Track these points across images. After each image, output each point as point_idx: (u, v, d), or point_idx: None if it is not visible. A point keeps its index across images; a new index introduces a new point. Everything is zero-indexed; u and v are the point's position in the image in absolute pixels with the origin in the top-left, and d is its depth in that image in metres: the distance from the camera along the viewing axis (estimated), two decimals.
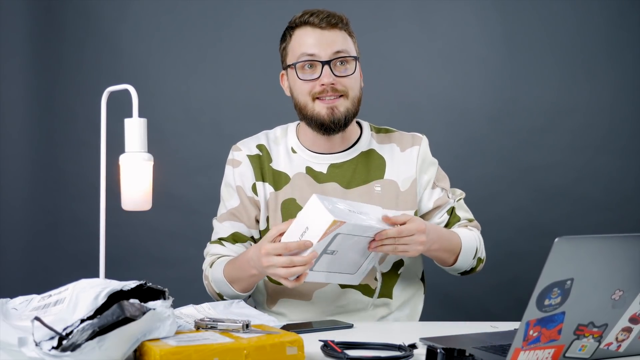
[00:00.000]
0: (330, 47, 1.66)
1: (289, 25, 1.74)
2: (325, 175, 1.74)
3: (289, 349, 1.17)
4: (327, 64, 1.65)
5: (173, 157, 2.77)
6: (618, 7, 2.77)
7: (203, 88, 2.82)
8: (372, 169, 1.75)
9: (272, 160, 1.77)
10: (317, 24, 1.66)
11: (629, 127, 2.78)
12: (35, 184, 2.84)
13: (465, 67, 2.79)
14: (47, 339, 1.08)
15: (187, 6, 2.82)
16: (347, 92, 1.68)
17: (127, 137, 1.34)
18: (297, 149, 1.77)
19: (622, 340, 1.24)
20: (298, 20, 1.70)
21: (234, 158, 1.79)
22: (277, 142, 1.79)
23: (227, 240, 1.77)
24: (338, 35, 1.68)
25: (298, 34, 1.69)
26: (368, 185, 1.73)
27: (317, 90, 1.67)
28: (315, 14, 1.68)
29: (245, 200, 1.76)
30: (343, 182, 1.73)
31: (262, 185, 1.75)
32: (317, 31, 1.67)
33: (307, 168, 1.75)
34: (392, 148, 1.79)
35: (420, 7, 2.80)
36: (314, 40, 1.66)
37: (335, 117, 1.67)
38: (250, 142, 1.80)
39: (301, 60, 1.67)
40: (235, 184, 1.77)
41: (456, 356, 1.16)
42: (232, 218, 1.77)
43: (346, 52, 1.67)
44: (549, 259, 1.07)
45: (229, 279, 1.67)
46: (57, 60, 2.83)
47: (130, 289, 1.20)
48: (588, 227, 2.67)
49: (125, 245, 2.76)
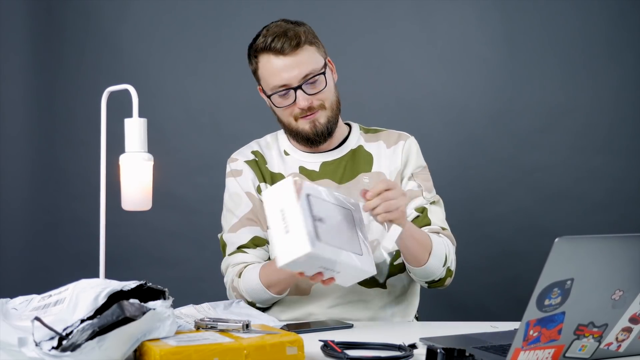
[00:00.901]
0: (298, 71, 1.69)
1: (251, 45, 1.75)
2: (318, 173, 1.79)
3: (289, 349, 1.17)
4: (299, 88, 1.70)
5: (173, 157, 2.77)
6: (619, 8, 2.77)
7: (203, 88, 2.82)
8: (360, 164, 1.81)
9: (267, 163, 1.83)
10: (280, 50, 1.69)
11: (629, 128, 2.78)
12: (35, 184, 2.83)
13: (466, 67, 2.79)
14: (47, 339, 1.08)
15: (187, 6, 2.82)
16: (324, 103, 1.74)
17: (127, 137, 1.34)
18: (290, 151, 1.83)
19: (622, 340, 1.24)
20: (260, 45, 1.72)
21: (234, 169, 1.83)
22: (269, 147, 1.85)
23: (247, 246, 1.76)
24: (303, 56, 1.70)
25: (263, 62, 1.72)
26: (356, 179, 1.79)
27: (296, 113, 1.73)
28: (274, 40, 1.69)
29: (257, 202, 1.78)
30: (335, 178, 1.79)
31: (265, 186, 1.79)
32: (280, 59, 1.69)
33: (300, 167, 1.81)
34: (379, 145, 1.84)
35: (420, 7, 2.80)
36: (280, 70, 1.70)
37: (318, 130, 1.75)
38: (244, 151, 1.86)
39: (275, 92, 1.72)
40: (244, 191, 1.79)
41: (456, 356, 1.16)
42: (247, 223, 1.77)
43: (314, 71, 1.71)
44: (549, 259, 1.07)
45: (266, 284, 1.66)
46: (57, 60, 2.83)
47: (130, 289, 1.20)
48: (588, 227, 2.66)
49: (125, 245, 2.76)
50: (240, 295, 1.71)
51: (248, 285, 1.69)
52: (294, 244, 1.28)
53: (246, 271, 1.71)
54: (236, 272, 1.73)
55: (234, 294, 1.73)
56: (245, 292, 1.70)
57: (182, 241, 2.79)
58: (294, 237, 1.28)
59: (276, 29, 1.71)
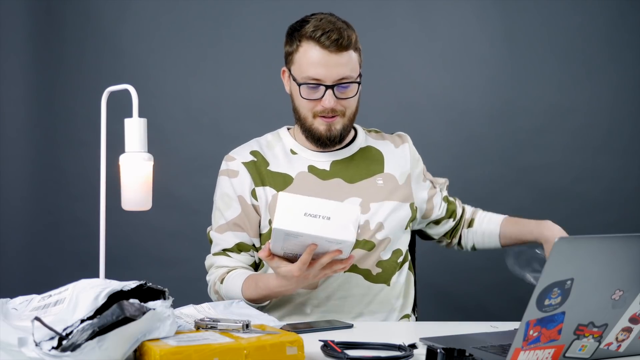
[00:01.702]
0: (336, 72, 1.68)
1: (297, 28, 1.71)
2: (328, 172, 1.78)
3: (289, 349, 1.17)
4: (330, 88, 1.68)
5: (173, 157, 2.77)
6: (618, 8, 2.77)
7: (203, 88, 2.82)
8: (372, 163, 1.82)
9: (269, 164, 1.79)
10: (327, 46, 1.66)
11: (629, 127, 2.78)
12: (35, 184, 2.84)
13: (466, 67, 2.79)
14: (47, 339, 1.09)
15: (187, 6, 2.82)
16: (345, 111, 1.73)
17: (127, 137, 1.34)
18: (297, 150, 1.81)
19: (622, 340, 1.24)
20: (309, 33, 1.68)
21: (230, 168, 1.79)
22: (270, 147, 1.82)
23: (232, 250, 1.77)
24: (344, 58, 1.68)
25: (305, 49, 1.69)
26: (371, 179, 1.79)
27: (317, 110, 1.72)
28: (327, 34, 1.66)
29: (248, 208, 1.76)
30: (346, 177, 1.78)
31: (263, 189, 1.76)
32: (324, 54, 1.67)
33: (310, 167, 1.78)
34: (387, 144, 1.87)
35: (420, 7, 2.80)
36: (320, 64, 1.67)
37: (332, 134, 1.74)
38: (242, 151, 1.82)
39: (306, 83, 1.69)
40: (236, 194, 1.77)
41: (456, 356, 1.17)
42: (234, 228, 1.77)
43: (350, 77, 1.70)
44: (549, 259, 1.08)
45: (248, 297, 1.66)
46: (57, 60, 2.83)
47: (130, 289, 1.20)
48: (588, 227, 2.67)
49: (125, 245, 2.76)
50: (221, 298, 1.73)
51: (231, 294, 1.70)
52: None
53: (228, 278, 1.72)
54: (218, 277, 1.74)
55: (215, 296, 1.76)
56: (227, 298, 1.71)
57: (182, 241, 2.79)
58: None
59: (329, 24, 1.68)
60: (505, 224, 1.90)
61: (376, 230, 1.75)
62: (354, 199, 1.75)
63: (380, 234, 1.75)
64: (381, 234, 1.75)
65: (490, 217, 1.93)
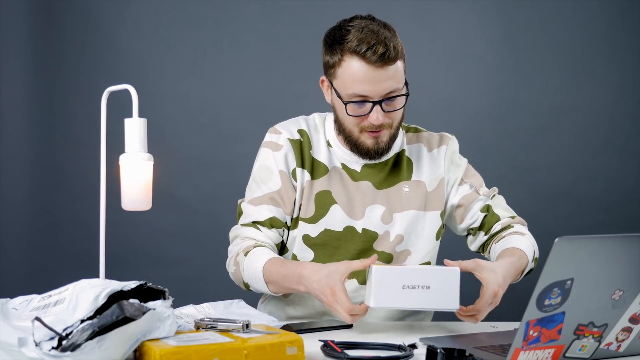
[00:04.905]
0: (383, 87, 1.59)
1: (338, 40, 1.61)
2: (359, 173, 1.72)
3: (289, 349, 1.17)
4: (377, 104, 1.61)
5: (173, 157, 2.77)
6: (618, 8, 2.77)
7: (203, 88, 2.82)
8: (401, 171, 1.75)
9: (312, 148, 1.73)
10: (373, 61, 1.56)
11: (628, 127, 2.78)
12: (35, 184, 2.83)
13: (465, 67, 2.79)
14: (47, 339, 1.09)
15: (187, 6, 2.82)
16: (392, 123, 1.67)
17: (127, 137, 1.34)
18: (333, 144, 1.74)
19: (622, 340, 1.24)
20: (353, 47, 1.57)
21: (274, 141, 1.71)
22: (317, 130, 1.75)
23: (263, 224, 1.69)
24: (391, 71, 1.59)
25: (349, 64, 1.59)
26: (397, 187, 1.73)
27: (364, 125, 1.65)
28: (373, 48, 1.56)
29: (288, 185, 1.70)
30: (375, 182, 1.73)
31: (302, 171, 1.70)
32: (370, 70, 1.57)
33: (342, 164, 1.73)
34: (420, 148, 1.79)
35: (420, 7, 2.80)
36: (366, 80, 1.58)
37: (379, 147, 1.67)
38: (290, 126, 1.74)
39: (351, 101, 1.62)
40: (278, 168, 1.70)
41: (456, 356, 1.17)
42: (271, 202, 1.69)
43: (397, 90, 1.62)
44: (549, 259, 1.07)
45: (268, 280, 1.60)
46: (57, 60, 2.83)
47: (130, 289, 1.20)
48: (588, 227, 2.67)
49: (125, 245, 2.76)
50: (239, 271, 1.65)
51: (251, 270, 1.63)
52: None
53: (253, 252, 1.64)
54: (243, 248, 1.66)
55: (233, 268, 1.68)
56: (246, 273, 1.64)
57: (182, 241, 2.79)
58: None
59: (373, 35, 1.58)
60: (498, 256, 1.73)
61: (396, 242, 1.70)
62: (377, 206, 1.70)
63: (399, 246, 1.71)
64: (400, 246, 1.71)
65: (505, 242, 1.76)
